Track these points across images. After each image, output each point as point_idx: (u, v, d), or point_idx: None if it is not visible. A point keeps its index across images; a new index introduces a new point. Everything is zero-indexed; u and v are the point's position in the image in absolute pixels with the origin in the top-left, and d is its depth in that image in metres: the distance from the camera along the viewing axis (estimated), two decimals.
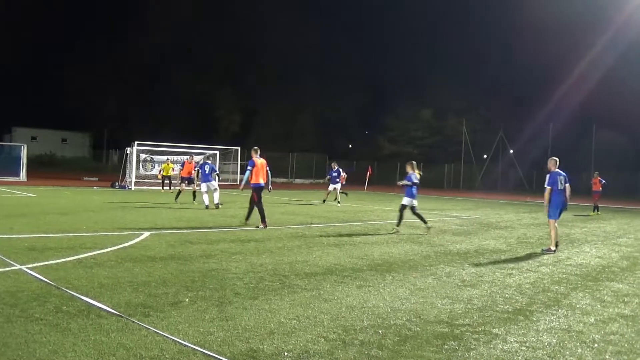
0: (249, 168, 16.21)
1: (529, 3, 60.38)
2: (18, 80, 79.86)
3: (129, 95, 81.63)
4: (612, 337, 6.61)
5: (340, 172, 28.57)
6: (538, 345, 6.15)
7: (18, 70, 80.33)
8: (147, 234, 13.47)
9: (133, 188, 35.56)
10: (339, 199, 28.28)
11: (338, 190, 28.37)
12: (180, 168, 26.31)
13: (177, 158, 38.61)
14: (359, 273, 9.78)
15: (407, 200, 16.88)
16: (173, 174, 33.79)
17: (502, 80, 65.68)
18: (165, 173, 33.71)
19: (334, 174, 28.34)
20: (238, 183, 43.91)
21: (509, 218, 23.91)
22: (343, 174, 29.44)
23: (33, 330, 5.81)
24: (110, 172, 56.80)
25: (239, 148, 46.26)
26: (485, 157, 66.39)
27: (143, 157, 39.63)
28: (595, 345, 6.25)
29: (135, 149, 37.67)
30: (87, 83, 78.33)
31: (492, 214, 26.15)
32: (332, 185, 28.46)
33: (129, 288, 7.84)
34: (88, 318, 6.33)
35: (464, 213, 26.61)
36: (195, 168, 24.89)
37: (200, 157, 29.66)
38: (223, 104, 79.26)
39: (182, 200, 23.83)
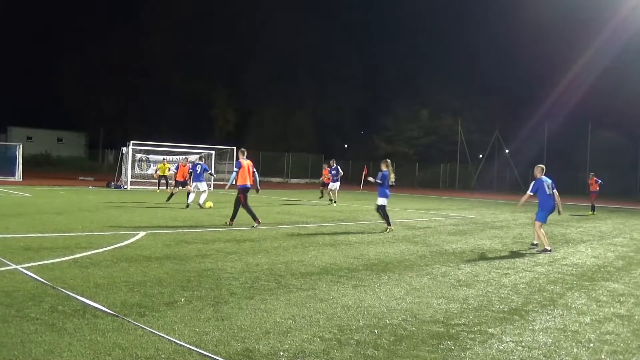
0: (235, 169, 16.37)
1: (526, 3, 60.47)
2: (14, 80, 79.65)
3: (125, 95, 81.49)
4: (607, 336, 6.63)
5: (339, 170, 28.41)
6: (534, 345, 6.16)
7: (14, 70, 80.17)
8: (142, 234, 13.46)
9: (129, 188, 35.53)
10: (335, 199, 28.17)
11: (337, 190, 28.23)
12: (175, 171, 26.23)
13: (173, 158, 38.59)
14: (355, 273, 9.78)
15: (382, 200, 16.81)
16: (169, 174, 33.76)
17: (497, 80, 65.65)
18: (162, 173, 33.68)
19: (333, 172, 28.29)
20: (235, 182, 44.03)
21: (505, 218, 23.94)
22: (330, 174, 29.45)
23: (29, 330, 5.81)
24: (106, 171, 56.71)
25: (235, 148, 46.20)
26: (481, 156, 66.43)
27: (139, 156, 39.57)
28: (591, 345, 6.26)
29: (131, 149, 37.61)
30: (82, 83, 78.17)
31: (487, 214, 26.18)
32: (331, 184, 28.35)
33: (125, 288, 7.83)
34: (84, 318, 6.32)
35: (460, 213, 26.63)
36: (189, 170, 24.81)
37: (196, 157, 29.61)
38: (219, 104, 79.19)
39: (176, 200, 23.78)
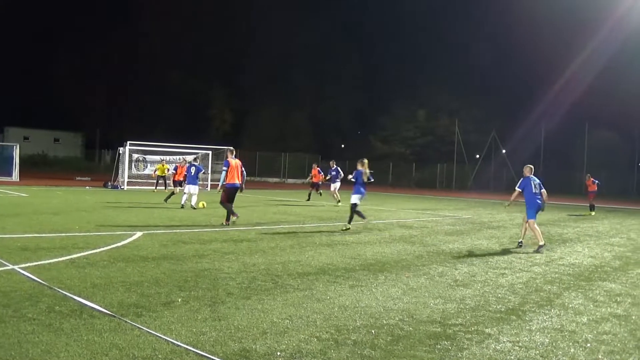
0: (224, 168, 16.68)
1: (523, 4, 60.55)
2: (10, 80, 79.51)
3: (122, 95, 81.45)
4: (604, 336, 6.64)
5: (339, 172, 27.97)
6: (531, 345, 6.16)
7: (10, 70, 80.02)
8: (139, 234, 13.45)
9: (125, 188, 35.47)
10: (339, 198, 27.59)
11: (337, 190, 27.83)
12: (174, 172, 26.17)
13: (171, 158, 38.58)
14: (352, 273, 9.78)
15: (355, 198, 16.79)
16: (168, 174, 33.76)
17: (494, 81, 65.87)
18: (160, 173, 33.66)
19: (333, 173, 27.98)
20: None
21: (502, 218, 23.95)
22: (321, 174, 29.32)
23: (26, 330, 5.80)
24: (103, 172, 56.65)
25: (232, 148, 46.14)
26: (478, 157, 66.53)
27: (135, 157, 39.48)
28: (588, 345, 6.27)
29: (128, 149, 37.55)
30: (79, 83, 78.10)
31: (484, 214, 26.20)
32: (332, 185, 27.98)
33: (122, 288, 7.82)
34: (80, 318, 6.31)
35: (457, 213, 26.66)
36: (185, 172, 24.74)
37: (192, 157, 29.57)
38: (216, 104, 79.23)
39: (173, 201, 23.76)
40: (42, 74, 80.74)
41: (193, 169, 22.24)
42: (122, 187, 35.71)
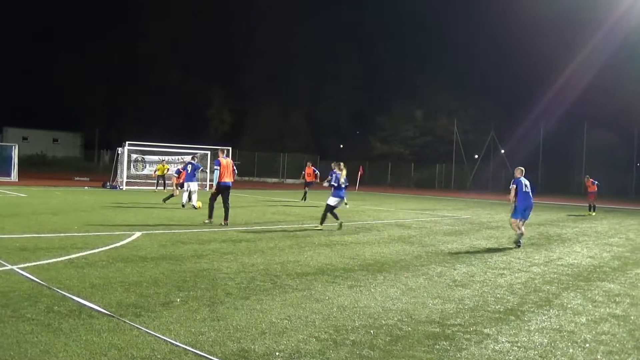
0: (216, 167, 16.84)
1: (521, 4, 60.53)
2: (9, 80, 79.46)
3: (120, 95, 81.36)
4: (603, 337, 6.64)
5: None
6: (529, 345, 6.17)
7: (9, 70, 79.97)
8: (138, 234, 13.45)
9: (124, 188, 35.45)
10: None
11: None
12: (176, 175, 26.15)
13: (170, 158, 38.61)
14: (351, 273, 9.79)
15: (333, 201, 17.07)
16: (167, 174, 33.79)
17: (493, 81, 65.72)
18: (160, 173, 33.69)
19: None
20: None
21: (500, 218, 23.94)
22: (316, 172, 29.05)
23: (24, 331, 5.80)
24: (102, 172, 56.67)
25: (230, 148, 46.19)
26: (477, 157, 66.48)
27: (134, 157, 39.47)
28: (587, 345, 6.27)
29: (127, 149, 37.53)
30: (78, 83, 78.04)
31: (483, 214, 26.21)
32: None
33: (121, 288, 7.82)
34: (79, 318, 6.31)
35: (455, 213, 26.66)
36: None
37: (190, 156, 29.49)
38: (215, 104, 79.21)
39: (172, 201, 23.75)
40: (41, 74, 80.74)
41: (190, 167, 22.33)
42: (121, 187, 35.68)
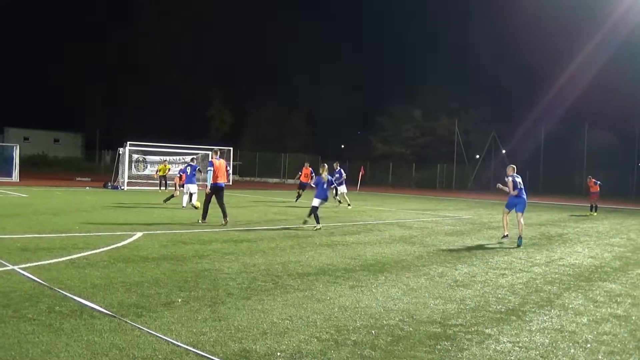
0: (210, 169, 17.03)
1: (522, 3, 60.52)
2: (10, 80, 79.49)
3: (121, 96, 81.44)
4: (604, 337, 6.64)
5: (342, 173, 27.27)
6: (531, 346, 6.16)
7: (10, 70, 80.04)
8: (139, 234, 13.45)
9: (125, 188, 35.44)
10: (340, 200, 27.20)
11: (345, 193, 27.16)
12: (179, 175, 26.21)
13: (172, 158, 38.65)
14: (352, 273, 9.78)
15: (315, 201, 17.31)
16: (169, 175, 33.83)
17: (494, 81, 65.73)
18: (162, 173, 33.73)
19: (337, 175, 26.74)
20: (231, 183, 44.03)
21: (501, 218, 23.90)
22: (313, 174, 28.50)
23: (26, 331, 5.80)
24: (103, 172, 56.66)
25: (231, 148, 46.21)
26: (478, 157, 66.45)
27: (135, 157, 39.54)
28: (588, 346, 6.27)
29: (128, 149, 37.56)
30: (79, 83, 78.11)
31: (484, 214, 26.18)
32: (338, 189, 26.79)
33: (122, 288, 7.82)
34: (81, 318, 6.31)
35: (457, 213, 26.65)
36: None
37: (190, 157, 29.54)
38: (215, 104, 79.22)
39: (173, 201, 23.75)
40: (42, 75, 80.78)
41: (189, 169, 22.43)
42: (122, 187, 35.68)
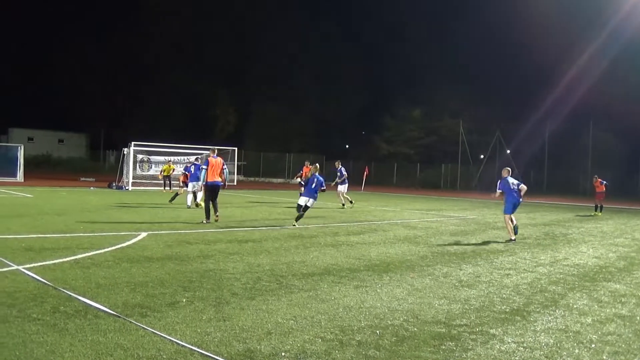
0: (204, 167, 17.30)
1: (526, 3, 60.41)
2: (14, 81, 79.67)
3: (126, 96, 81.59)
4: (609, 337, 6.62)
5: (343, 172, 26.89)
6: (535, 346, 6.15)
7: (14, 71, 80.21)
8: (144, 235, 13.46)
9: (130, 188, 35.47)
10: (344, 201, 26.73)
11: (345, 192, 26.82)
12: (184, 172, 26.25)
13: (176, 159, 38.68)
14: (356, 273, 9.78)
15: (302, 200, 17.57)
16: (173, 175, 33.85)
17: (498, 81, 65.55)
18: (166, 173, 33.75)
19: (338, 174, 26.86)
20: (235, 183, 44.10)
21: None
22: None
23: (30, 331, 5.81)
24: (107, 172, 56.73)
25: (236, 148, 46.26)
26: (482, 157, 66.33)
27: (140, 157, 39.58)
28: (593, 346, 6.26)
29: (132, 150, 37.58)
30: (83, 83, 78.26)
31: (489, 214, 26.16)
32: (339, 187, 26.86)
33: (126, 288, 7.83)
34: (85, 318, 6.32)
35: (461, 213, 26.63)
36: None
37: (194, 157, 29.55)
38: (220, 104, 79.26)
39: (178, 201, 23.78)
40: (46, 75, 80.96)
41: (193, 168, 22.48)
42: (126, 187, 35.69)
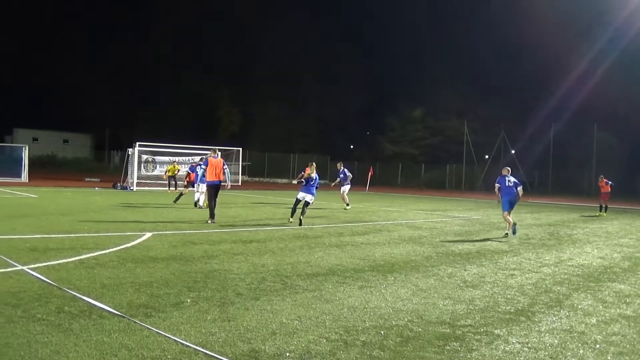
0: (203, 167, 17.63)
1: (531, 4, 60.32)
2: (19, 81, 79.91)
3: (131, 96, 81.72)
4: (614, 338, 6.61)
5: (347, 173, 26.54)
6: (540, 346, 6.14)
7: (19, 72, 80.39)
8: (149, 235, 13.48)
9: (135, 189, 35.52)
10: (347, 201, 26.39)
11: (346, 193, 26.45)
12: (189, 172, 26.29)
13: (181, 159, 38.75)
14: (361, 274, 9.78)
15: (300, 195, 17.96)
16: (178, 175, 33.89)
17: (503, 81, 65.48)
18: (171, 174, 33.79)
19: (341, 176, 26.55)
20: (240, 183, 44.12)
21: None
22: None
23: (35, 331, 5.82)
24: (112, 172, 56.79)
25: (240, 149, 46.28)
26: (487, 157, 66.22)
27: (144, 157, 39.65)
28: (597, 346, 6.24)
29: (137, 150, 37.65)
30: (88, 84, 78.41)
31: (493, 215, 26.10)
32: (341, 188, 26.57)
33: (131, 288, 7.84)
34: (90, 318, 6.33)
35: (466, 214, 26.59)
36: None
37: (199, 157, 29.61)
38: (223, 105, 79.30)
39: (182, 201, 23.80)
40: (51, 76, 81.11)
41: (199, 169, 22.49)
42: (131, 187, 35.74)
